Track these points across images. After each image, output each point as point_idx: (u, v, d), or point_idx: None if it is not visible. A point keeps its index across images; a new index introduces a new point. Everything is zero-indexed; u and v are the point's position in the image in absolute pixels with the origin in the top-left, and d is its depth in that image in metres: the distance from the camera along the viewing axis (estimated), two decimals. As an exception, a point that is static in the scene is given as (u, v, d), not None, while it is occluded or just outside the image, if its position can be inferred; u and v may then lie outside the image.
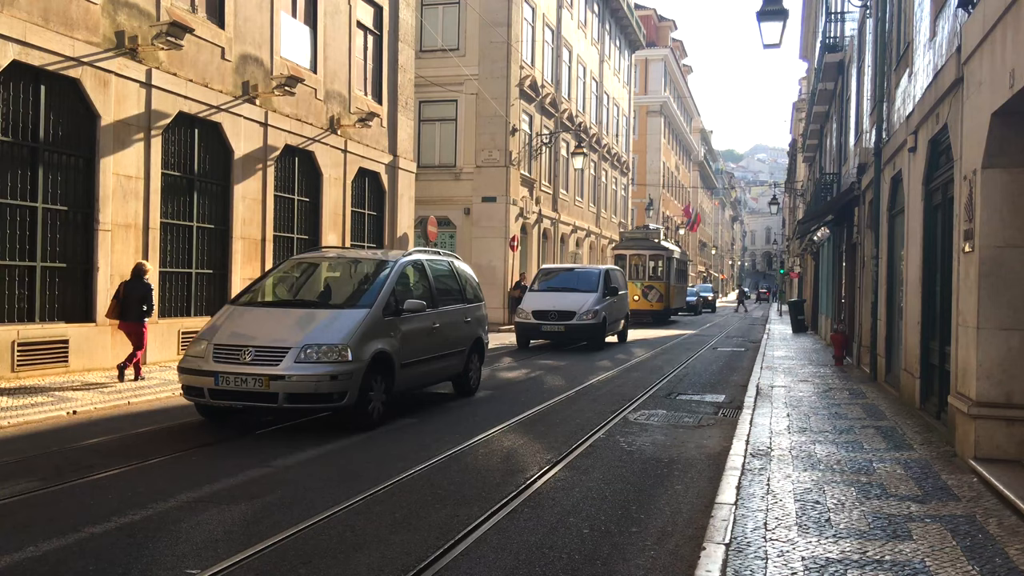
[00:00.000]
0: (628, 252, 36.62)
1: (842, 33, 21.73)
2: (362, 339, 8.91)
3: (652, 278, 35.73)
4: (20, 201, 11.96)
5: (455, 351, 11.31)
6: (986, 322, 7.13)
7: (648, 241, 37.06)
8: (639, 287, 34.77)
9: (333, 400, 8.62)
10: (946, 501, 6.11)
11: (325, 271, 11.29)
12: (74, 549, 5.09)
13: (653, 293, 35.16)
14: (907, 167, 11.30)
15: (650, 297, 34.91)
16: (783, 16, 10.93)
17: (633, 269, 35.84)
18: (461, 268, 12.53)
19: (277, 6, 17.36)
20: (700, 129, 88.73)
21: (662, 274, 36.10)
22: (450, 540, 5.30)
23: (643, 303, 34.74)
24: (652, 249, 36.36)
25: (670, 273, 36.79)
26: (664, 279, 36.00)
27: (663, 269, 36.15)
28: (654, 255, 36.17)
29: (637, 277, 35.40)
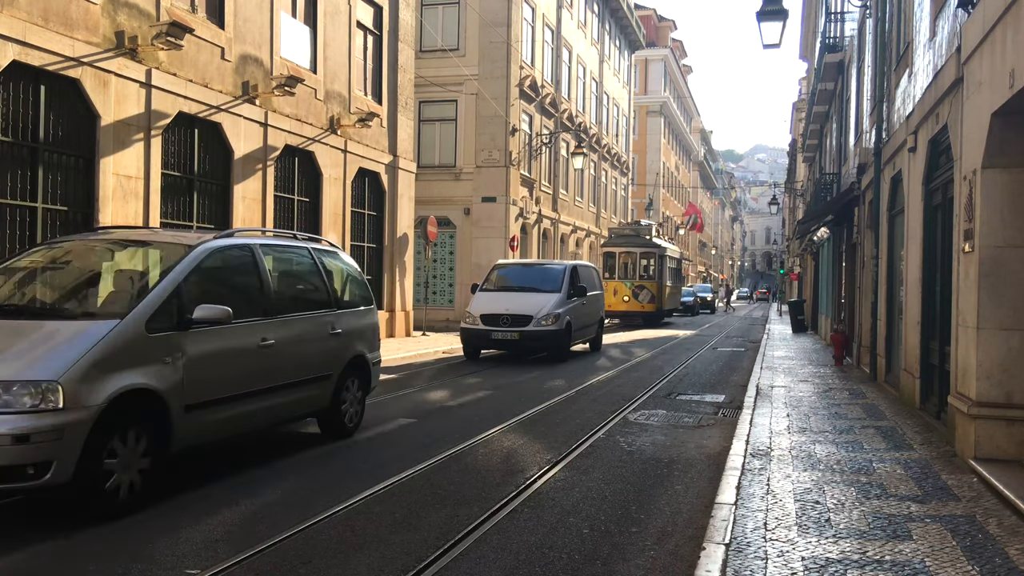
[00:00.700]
0: (617, 250, 34.63)
1: (842, 33, 21.73)
2: (94, 370, 5.55)
3: (643, 277, 33.93)
4: (20, 201, 11.96)
5: (311, 378, 8.09)
6: (986, 322, 7.13)
7: (639, 238, 34.91)
8: (629, 287, 33.37)
9: (25, 477, 5.23)
10: (946, 501, 6.11)
11: (88, 262, 7.37)
12: (74, 549, 5.09)
13: (644, 293, 33.40)
14: (907, 167, 11.30)
15: (641, 298, 33.24)
16: (783, 16, 10.93)
17: (623, 268, 34.30)
18: (332, 261, 9.14)
19: (277, 6, 17.36)
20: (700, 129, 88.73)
21: (654, 273, 34.37)
22: (450, 540, 5.30)
23: (633, 304, 33.36)
24: (643, 247, 34.38)
25: (663, 272, 35.16)
26: (656, 279, 34.34)
27: (655, 268, 34.49)
28: (645, 253, 34.34)
29: (627, 276, 33.84)
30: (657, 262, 34.68)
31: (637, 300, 33.29)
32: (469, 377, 14.31)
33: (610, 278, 33.17)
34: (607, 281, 30.84)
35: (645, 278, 34.06)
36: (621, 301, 32.23)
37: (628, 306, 32.99)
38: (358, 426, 9.10)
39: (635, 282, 33.58)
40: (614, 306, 32.45)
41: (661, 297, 34.76)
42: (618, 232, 36.73)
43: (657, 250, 34.91)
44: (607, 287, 29.69)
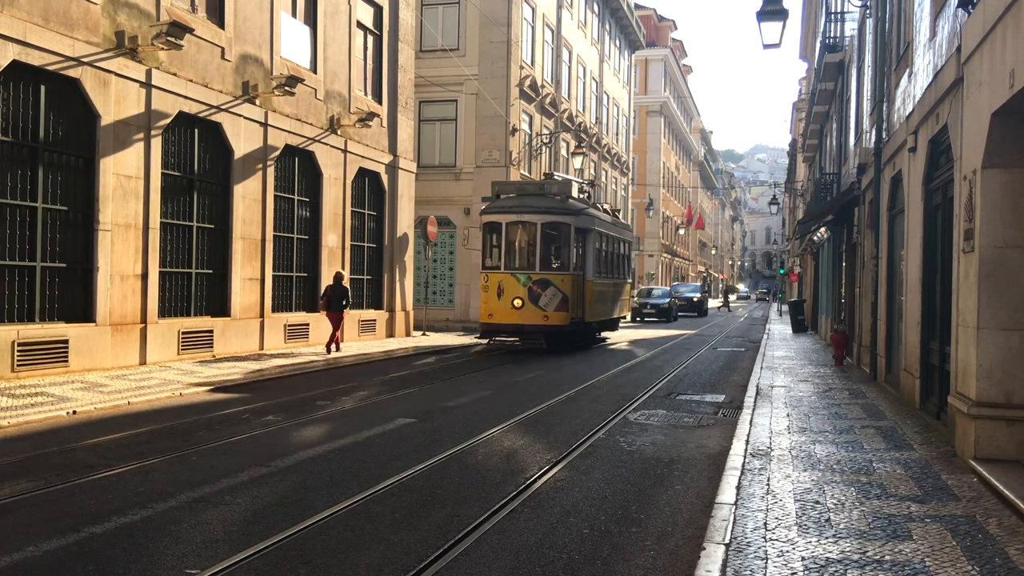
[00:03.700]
0: (505, 219, 19.97)
1: (842, 33, 21.74)
2: None
3: (550, 267, 19.80)
4: (20, 201, 11.96)
5: None
6: (986, 322, 7.13)
7: (545, 199, 20.42)
8: (521, 282, 19.46)
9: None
10: (946, 501, 6.10)
11: None
12: (74, 549, 5.09)
13: (550, 295, 19.48)
14: (907, 167, 11.30)
15: (543, 302, 19.40)
16: (783, 16, 10.93)
17: (512, 250, 20.02)
18: None
19: (277, 6, 17.36)
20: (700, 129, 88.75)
21: (568, 259, 19.99)
22: (450, 540, 5.30)
23: (529, 312, 19.39)
24: (552, 213, 19.90)
25: (586, 258, 20.99)
26: (572, 269, 20.05)
27: (573, 251, 20.10)
28: (554, 225, 19.91)
29: (519, 265, 19.82)
30: (576, 241, 20.25)
31: (537, 305, 19.41)
32: (469, 377, 14.32)
33: (492, 268, 19.84)
34: (489, 273, 19.74)
35: (553, 268, 19.86)
36: (509, 308, 19.32)
37: (520, 316, 19.41)
38: None
39: (534, 275, 19.54)
40: (496, 316, 19.54)
41: (583, 301, 20.80)
42: (508, 189, 21.38)
43: (575, 220, 20.19)
44: (490, 281, 19.58)
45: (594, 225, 21.32)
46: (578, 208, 20.53)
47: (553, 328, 19.59)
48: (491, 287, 19.58)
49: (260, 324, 17.00)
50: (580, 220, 20.31)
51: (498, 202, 20.51)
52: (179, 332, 14.77)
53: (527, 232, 19.91)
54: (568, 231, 19.93)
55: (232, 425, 9.25)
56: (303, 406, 10.61)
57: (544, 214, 19.76)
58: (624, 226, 27.06)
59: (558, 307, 19.48)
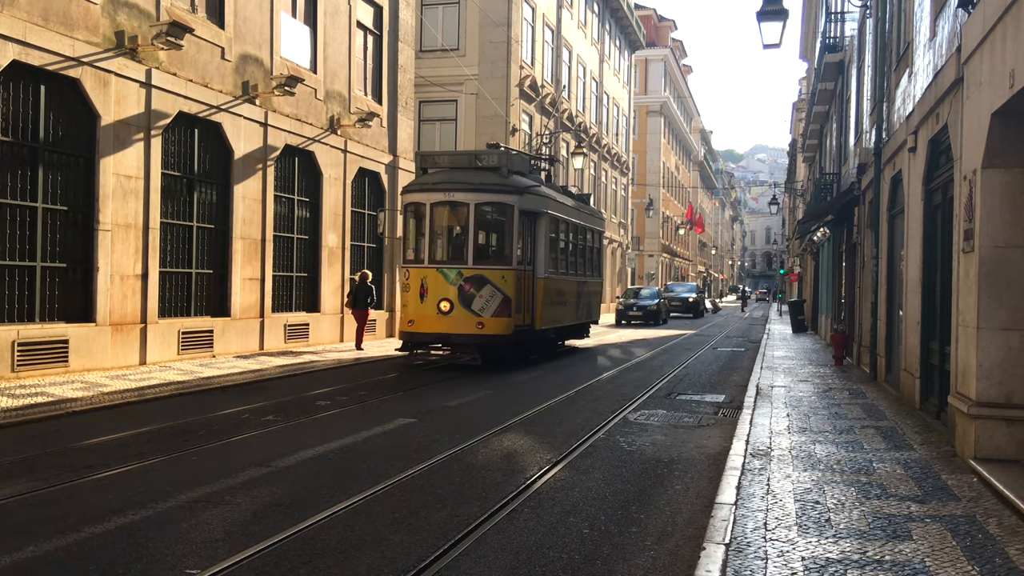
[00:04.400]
0: (429, 198, 15.87)
1: (842, 33, 21.73)
2: None
3: (483, 260, 15.69)
4: (20, 201, 11.96)
5: None
6: (986, 322, 7.13)
7: (480, 173, 16.12)
8: (450, 280, 15.32)
9: None
10: (946, 501, 6.11)
11: None
12: (74, 549, 5.09)
13: (487, 297, 15.26)
14: (907, 167, 11.30)
15: (477, 305, 15.22)
16: (783, 16, 10.93)
17: (439, 238, 16.19)
18: None
19: (277, 6, 17.37)
20: (700, 129, 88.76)
21: (510, 250, 15.82)
22: (450, 540, 5.30)
23: (460, 318, 15.23)
24: (488, 191, 15.73)
25: (536, 249, 16.61)
26: (517, 263, 15.80)
27: (516, 239, 15.85)
28: (490, 205, 15.88)
29: (447, 258, 15.80)
30: (522, 227, 15.96)
31: (470, 310, 15.23)
32: (469, 376, 14.31)
33: (414, 262, 15.74)
34: (410, 268, 15.68)
35: (490, 261, 15.83)
36: (434, 312, 15.20)
37: (448, 323, 15.25)
38: None
39: (466, 270, 15.33)
40: (419, 323, 15.38)
41: (531, 303, 16.39)
42: (439, 162, 16.95)
43: (520, 200, 15.82)
44: (411, 278, 15.53)
45: (547, 208, 16.84)
46: (524, 185, 16.12)
47: (490, 338, 15.26)
48: (412, 286, 15.51)
49: (260, 324, 17.00)
50: (527, 200, 15.95)
51: (423, 178, 16.53)
52: (179, 332, 14.77)
53: (457, 215, 15.85)
54: (510, 214, 15.70)
55: (232, 425, 9.25)
56: (303, 406, 10.61)
57: (478, 192, 15.50)
58: (593, 213, 22.67)
59: (497, 311, 15.18)
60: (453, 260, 15.66)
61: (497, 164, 16.07)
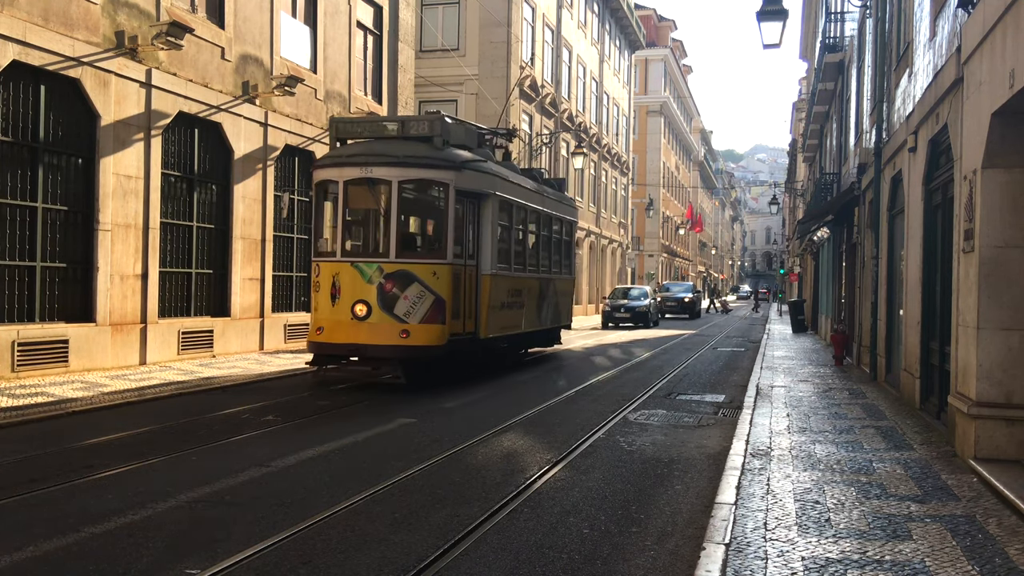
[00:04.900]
0: (342, 175, 12.58)
1: (842, 33, 21.74)
2: None
3: (410, 252, 12.58)
4: (20, 201, 11.96)
5: None
6: (986, 322, 7.13)
7: (407, 144, 12.78)
8: (367, 277, 12.19)
9: None
10: (946, 501, 6.11)
11: None
12: (74, 549, 5.09)
13: (414, 298, 12.10)
14: (907, 167, 11.30)
15: (401, 309, 12.05)
16: (783, 16, 10.93)
17: (354, 225, 13.32)
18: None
19: (277, 6, 17.37)
20: (700, 129, 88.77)
21: (444, 239, 12.63)
22: (450, 540, 5.30)
23: (379, 325, 12.05)
24: (416, 166, 12.45)
25: (481, 239, 13.53)
26: (454, 256, 12.57)
27: (452, 226, 12.55)
28: (418, 183, 12.83)
29: (367, 251, 12.89)
30: (461, 211, 12.92)
31: (392, 314, 12.11)
32: (469, 377, 14.30)
33: (325, 255, 12.71)
34: (321, 262, 12.65)
35: (419, 254, 12.85)
36: (347, 318, 12.14)
37: (365, 331, 12.12)
38: None
39: (387, 264, 12.23)
40: (329, 331, 12.31)
41: (474, 307, 13.40)
42: (359, 131, 13.77)
43: (458, 177, 12.68)
44: (322, 275, 12.51)
45: (494, 188, 13.52)
46: (462, 159, 12.70)
47: (417, 351, 12.01)
48: (323, 285, 12.36)
49: (260, 324, 17.00)
50: (467, 178, 12.66)
51: (337, 150, 13.05)
52: (179, 332, 14.77)
53: (376, 196, 12.48)
54: (444, 194, 12.45)
55: (232, 425, 9.26)
56: (303, 406, 10.61)
57: (403, 166, 12.21)
58: (562, 200, 18.99)
59: (427, 316, 12.01)
60: (371, 253, 12.64)
61: (429, 133, 12.69)
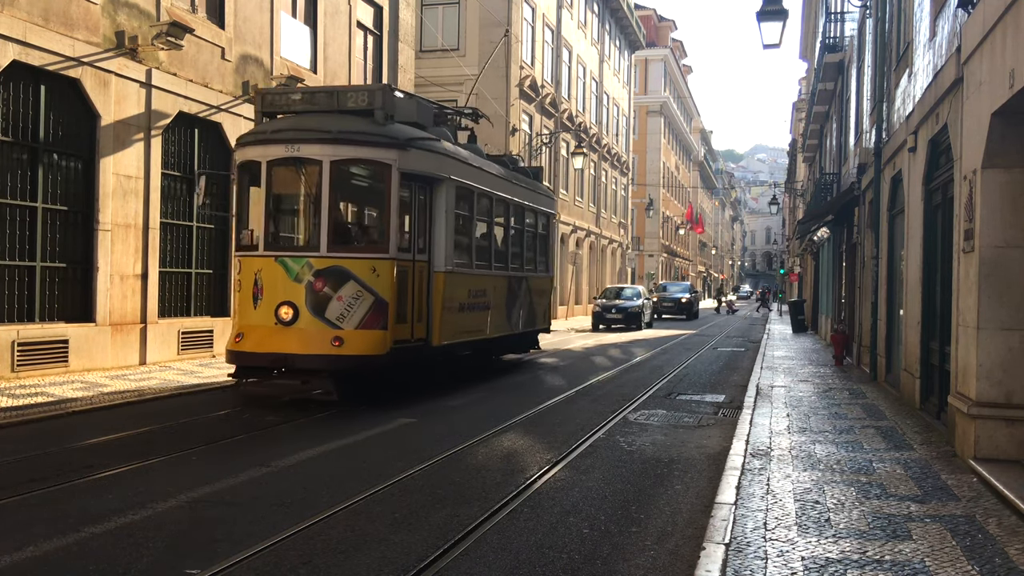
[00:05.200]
0: (266, 153, 10.69)
1: (842, 33, 21.74)
2: None
3: (344, 245, 10.69)
4: (20, 201, 11.96)
5: None
6: (986, 322, 7.13)
7: (343, 119, 10.83)
8: (293, 275, 10.31)
9: None
10: (946, 501, 6.11)
11: None
12: (74, 549, 5.09)
13: (349, 299, 10.24)
14: (907, 167, 11.30)
15: (333, 312, 10.20)
16: (783, 16, 10.94)
17: (279, 213, 11.53)
18: None
19: (277, 6, 17.37)
20: (700, 129, 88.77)
21: (385, 230, 10.72)
22: (450, 540, 5.30)
23: (307, 331, 10.18)
24: (351, 143, 10.54)
25: (433, 230, 11.58)
26: (398, 249, 10.74)
27: (395, 215, 10.71)
28: (356, 163, 10.98)
29: (294, 243, 11.64)
30: (407, 197, 11.12)
31: (322, 319, 10.21)
32: (469, 377, 14.30)
33: (247, 249, 10.83)
34: (243, 257, 10.88)
35: (356, 247, 10.94)
36: (271, 322, 10.25)
37: (291, 338, 10.17)
38: None
39: (317, 260, 10.33)
40: (249, 338, 10.38)
41: (425, 309, 11.47)
42: (289, 104, 11.35)
43: (402, 156, 10.72)
44: (243, 273, 10.78)
45: (449, 172, 11.70)
46: (408, 137, 10.84)
47: (353, 361, 10.24)
48: (244, 284, 10.64)
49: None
50: (414, 159, 10.86)
51: (263, 125, 11.20)
52: (179, 332, 14.77)
53: (306, 178, 10.71)
54: (386, 177, 10.62)
55: (232, 425, 9.25)
56: (303, 406, 10.60)
57: (336, 143, 10.43)
58: (536, 189, 16.85)
59: (366, 320, 10.26)
60: (299, 246, 11.08)
61: (369, 105, 10.77)
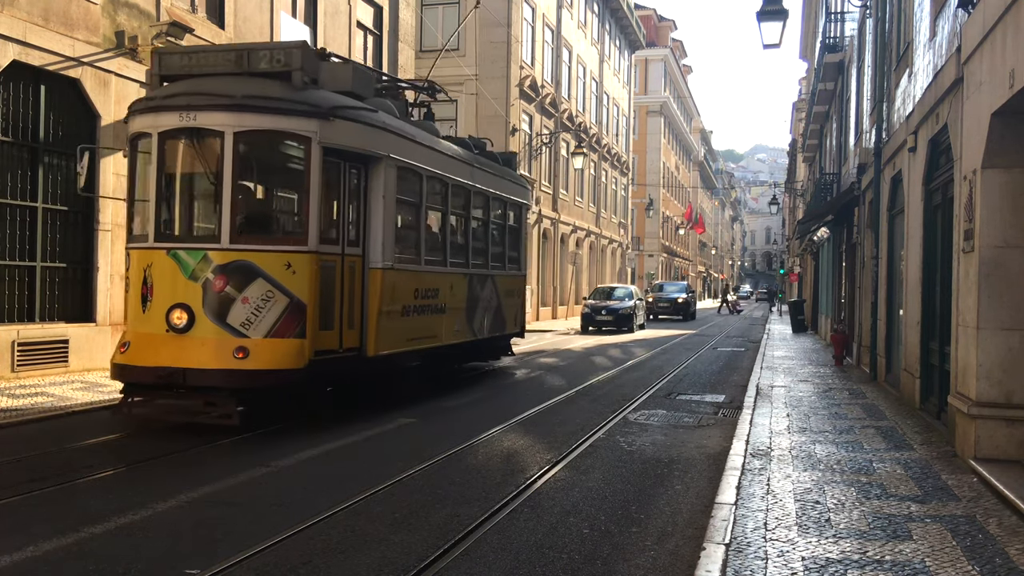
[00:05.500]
0: (158, 123, 8.77)
1: (842, 33, 21.73)
2: None
3: (253, 234, 8.74)
4: (20, 201, 11.96)
5: None
6: (986, 322, 7.13)
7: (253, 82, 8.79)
8: (189, 272, 8.48)
9: None
10: (946, 501, 6.11)
11: None
12: (74, 549, 5.09)
13: (257, 300, 8.40)
14: (907, 167, 11.30)
15: (237, 317, 8.37)
16: (783, 16, 10.94)
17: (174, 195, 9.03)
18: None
19: (277, 6, 17.36)
20: (700, 129, 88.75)
21: (309, 217, 8.76)
22: (450, 540, 5.30)
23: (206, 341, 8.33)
24: (260, 110, 8.58)
25: (369, 218, 9.60)
26: (320, 240, 8.84)
27: (320, 197, 8.86)
28: (266, 135, 8.90)
29: (192, 233, 9.01)
30: (332, 177, 9.19)
31: (224, 325, 8.37)
32: (468, 377, 14.31)
33: (137, 239, 9.09)
34: (132, 250, 9.09)
35: (266, 233, 9.11)
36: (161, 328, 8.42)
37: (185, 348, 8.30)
38: None
39: (217, 252, 8.47)
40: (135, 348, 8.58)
41: (354, 310, 9.49)
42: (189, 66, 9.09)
43: (324, 127, 8.80)
44: (132, 268, 8.99)
45: (392, 150, 9.88)
46: (333, 105, 8.98)
47: (261, 377, 8.49)
48: (133, 282, 8.94)
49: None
50: (342, 132, 9.03)
51: (159, 90, 9.12)
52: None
53: (204, 153, 8.85)
54: (305, 151, 8.85)
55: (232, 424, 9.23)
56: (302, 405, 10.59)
57: (241, 111, 8.57)
58: (504, 176, 14.72)
59: (278, 327, 8.53)
60: (197, 236, 8.93)
61: (286, 66, 8.79)
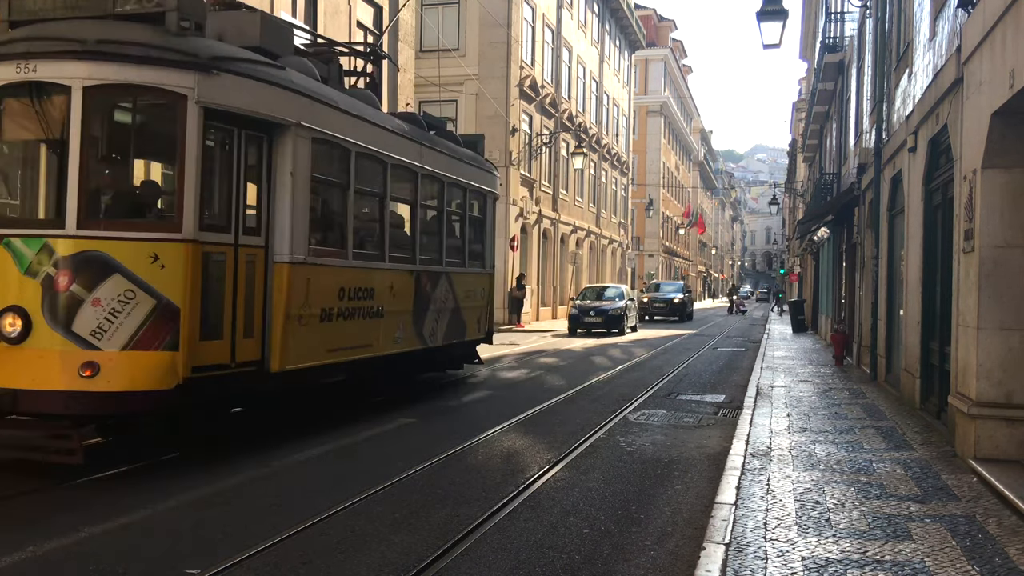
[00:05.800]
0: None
1: (842, 33, 21.73)
2: None
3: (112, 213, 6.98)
4: (20, 201, 11.94)
5: None
6: (986, 322, 7.12)
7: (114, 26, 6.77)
8: (25, 265, 6.56)
9: None
10: (946, 501, 6.11)
11: None
12: (74, 549, 5.09)
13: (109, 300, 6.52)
14: (907, 167, 11.30)
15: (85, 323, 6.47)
16: (783, 16, 10.93)
17: (11, 163, 7.56)
18: None
19: (277, 6, 17.36)
20: (700, 129, 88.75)
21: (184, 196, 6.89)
22: (450, 540, 5.30)
23: (44, 355, 6.45)
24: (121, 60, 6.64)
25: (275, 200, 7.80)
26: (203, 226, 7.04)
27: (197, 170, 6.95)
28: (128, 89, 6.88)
29: (30, 216, 7.38)
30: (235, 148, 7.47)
31: (67, 332, 6.50)
32: (469, 377, 14.31)
33: None
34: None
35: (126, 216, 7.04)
36: None
37: (18, 363, 6.44)
38: None
39: (61, 240, 6.60)
40: None
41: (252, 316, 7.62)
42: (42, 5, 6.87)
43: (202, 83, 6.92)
44: None
45: (299, 116, 8.11)
46: (216, 55, 7.25)
47: (115, 401, 6.73)
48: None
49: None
50: (230, 89, 7.34)
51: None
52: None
53: (46, 114, 7.14)
54: (177, 113, 7.04)
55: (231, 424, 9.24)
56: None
57: (96, 60, 6.76)
58: (464, 159, 12.81)
59: (140, 337, 6.75)
60: (36, 220, 7.35)
61: (158, 6, 7.06)
